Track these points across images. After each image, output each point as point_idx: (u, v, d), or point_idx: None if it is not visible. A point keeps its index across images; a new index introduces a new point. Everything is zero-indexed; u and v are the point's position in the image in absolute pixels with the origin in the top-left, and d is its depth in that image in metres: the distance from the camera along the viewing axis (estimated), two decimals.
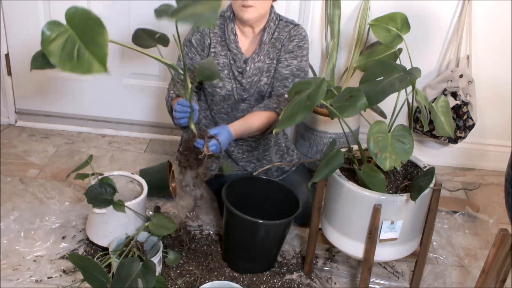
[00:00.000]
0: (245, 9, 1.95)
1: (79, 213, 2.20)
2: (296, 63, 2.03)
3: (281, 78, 2.03)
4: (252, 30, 2.05)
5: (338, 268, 2.05)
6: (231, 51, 2.03)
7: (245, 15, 1.96)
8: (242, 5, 1.94)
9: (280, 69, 2.04)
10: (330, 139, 2.46)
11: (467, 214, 2.40)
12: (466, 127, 2.55)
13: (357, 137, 2.37)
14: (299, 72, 2.04)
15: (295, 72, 2.03)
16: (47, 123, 2.87)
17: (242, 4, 1.94)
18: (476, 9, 2.48)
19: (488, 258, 1.54)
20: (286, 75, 2.02)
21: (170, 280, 1.89)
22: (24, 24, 2.65)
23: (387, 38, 1.98)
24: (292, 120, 1.57)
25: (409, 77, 1.64)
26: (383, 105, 1.79)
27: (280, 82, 2.03)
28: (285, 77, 2.02)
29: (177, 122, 1.85)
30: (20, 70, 2.77)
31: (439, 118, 1.72)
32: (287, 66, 2.03)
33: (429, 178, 1.64)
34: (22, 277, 1.86)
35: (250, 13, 1.95)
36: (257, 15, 1.97)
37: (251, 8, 1.94)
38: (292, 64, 2.03)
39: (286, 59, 2.04)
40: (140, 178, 2.07)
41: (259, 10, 1.96)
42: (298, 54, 2.04)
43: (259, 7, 1.95)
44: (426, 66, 2.56)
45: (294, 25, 2.06)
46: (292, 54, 2.04)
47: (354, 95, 1.60)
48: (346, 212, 1.75)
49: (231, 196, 1.93)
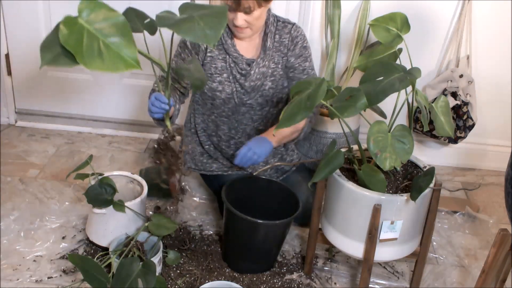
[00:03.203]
0: (239, 29, 1.92)
1: (79, 213, 2.20)
2: (308, 64, 2.08)
3: None
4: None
5: (338, 268, 2.05)
6: (231, 54, 2.02)
7: (240, 35, 1.96)
8: (234, 26, 1.91)
9: (298, 75, 2.06)
10: (330, 139, 2.46)
11: (467, 214, 2.40)
12: (466, 127, 2.55)
13: (357, 137, 2.37)
14: (313, 72, 2.10)
15: (311, 73, 2.08)
16: (47, 123, 2.87)
17: (234, 25, 1.90)
18: (476, 9, 2.48)
19: (488, 258, 1.54)
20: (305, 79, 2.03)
21: (170, 280, 1.89)
22: (24, 24, 2.65)
23: (387, 38, 1.98)
24: (292, 120, 1.57)
25: (409, 77, 1.64)
26: (383, 105, 1.79)
27: None
28: None
29: (152, 116, 1.85)
30: (20, 70, 2.77)
31: (439, 118, 1.72)
32: (303, 70, 2.06)
33: (429, 178, 1.64)
34: (22, 277, 1.86)
35: (245, 34, 1.95)
36: (252, 33, 1.96)
37: (246, 29, 1.92)
38: (306, 67, 2.07)
39: (299, 64, 2.06)
40: (140, 178, 2.07)
41: (254, 29, 1.94)
42: (307, 55, 2.07)
43: (254, 27, 1.93)
44: (426, 66, 2.56)
45: (291, 24, 2.06)
46: (302, 58, 2.06)
47: (354, 95, 1.60)
48: (346, 212, 1.75)
49: (231, 196, 1.93)
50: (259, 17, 1.90)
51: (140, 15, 1.78)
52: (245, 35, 1.95)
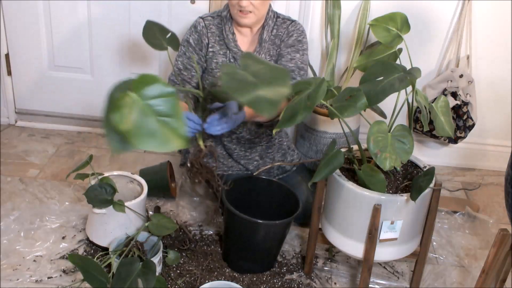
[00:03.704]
0: (243, 15, 1.94)
1: (79, 213, 2.20)
2: (299, 57, 2.04)
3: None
4: (250, 30, 2.05)
5: (338, 268, 2.05)
6: (231, 49, 2.03)
7: (244, 21, 1.96)
8: (239, 10, 1.93)
9: (285, 63, 2.03)
10: (330, 139, 2.46)
11: (467, 214, 2.40)
12: (466, 127, 2.55)
13: (357, 137, 2.37)
14: (303, 65, 2.05)
15: (300, 65, 2.04)
16: (47, 123, 2.87)
17: (240, 9, 1.93)
18: (476, 9, 2.48)
19: (488, 258, 1.54)
20: (292, 67, 2.02)
21: (170, 280, 1.89)
22: (24, 24, 2.65)
23: (387, 38, 1.98)
24: (292, 120, 1.57)
25: (409, 77, 1.64)
26: (383, 105, 1.79)
27: None
28: (291, 70, 2.02)
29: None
30: (20, 70, 2.77)
31: (439, 118, 1.72)
32: (291, 59, 2.03)
33: (429, 178, 1.64)
34: (22, 277, 1.86)
35: (249, 19, 1.95)
36: (255, 20, 1.97)
37: (250, 13, 1.94)
38: (296, 58, 2.04)
39: (288, 53, 2.04)
40: (140, 178, 2.07)
41: (257, 15, 1.96)
42: (299, 48, 2.05)
43: (258, 12, 1.95)
44: (426, 66, 2.56)
45: (291, 21, 2.07)
46: (293, 48, 2.04)
47: (354, 95, 1.60)
48: (346, 212, 1.75)
49: (231, 196, 1.93)
50: (263, 2, 1.92)
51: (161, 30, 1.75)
52: (248, 20, 1.95)
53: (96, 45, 2.68)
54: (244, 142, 2.14)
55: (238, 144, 2.14)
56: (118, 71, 2.73)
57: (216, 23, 2.05)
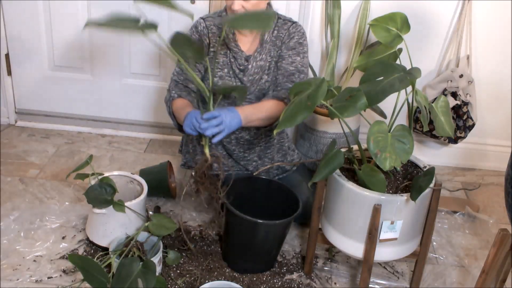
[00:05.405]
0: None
1: (79, 213, 2.20)
2: (299, 60, 2.05)
3: (287, 74, 2.03)
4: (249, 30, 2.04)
5: (338, 268, 2.05)
6: (231, 49, 2.04)
7: None
8: (231, 10, 1.93)
9: (285, 65, 2.04)
10: (330, 139, 2.46)
11: (467, 214, 2.40)
12: (466, 127, 2.55)
13: (357, 137, 2.38)
14: (303, 68, 2.05)
15: (300, 68, 2.04)
16: (47, 123, 2.87)
17: (231, 9, 1.93)
18: (476, 9, 2.48)
19: (488, 258, 1.54)
20: (292, 71, 2.02)
21: (170, 280, 1.89)
22: (24, 24, 2.65)
23: (387, 38, 1.98)
24: (292, 121, 1.57)
25: (409, 77, 1.64)
26: (383, 105, 1.79)
27: (287, 78, 2.02)
28: (291, 73, 2.02)
29: (188, 132, 1.82)
30: (20, 70, 2.77)
31: (439, 118, 1.72)
32: (292, 62, 2.04)
33: (429, 178, 1.64)
34: (22, 277, 1.86)
35: None
36: None
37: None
38: (296, 61, 2.04)
39: (289, 55, 2.04)
40: (140, 178, 2.07)
41: None
42: (300, 50, 2.05)
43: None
44: (426, 66, 2.56)
45: (292, 22, 2.07)
46: (294, 51, 2.05)
47: (354, 95, 1.60)
48: (346, 212, 1.75)
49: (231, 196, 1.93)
50: (256, 4, 1.91)
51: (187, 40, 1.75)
52: None
53: (96, 45, 2.69)
54: (243, 142, 2.14)
55: (238, 145, 2.14)
56: (118, 71, 2.73)
57: (217, 23, 2.05)
